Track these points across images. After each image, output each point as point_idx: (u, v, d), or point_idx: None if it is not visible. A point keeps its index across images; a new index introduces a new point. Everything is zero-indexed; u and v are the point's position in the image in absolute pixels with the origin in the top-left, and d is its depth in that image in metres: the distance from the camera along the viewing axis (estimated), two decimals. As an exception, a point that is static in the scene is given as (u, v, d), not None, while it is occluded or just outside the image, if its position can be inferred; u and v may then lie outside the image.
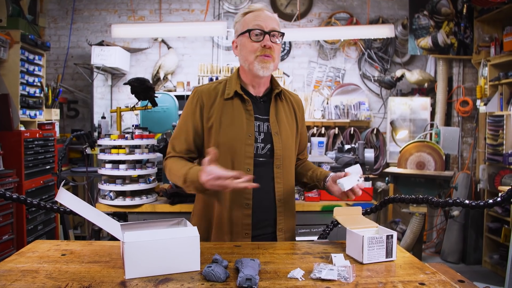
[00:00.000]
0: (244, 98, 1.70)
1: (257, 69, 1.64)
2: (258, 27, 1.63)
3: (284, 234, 1.73)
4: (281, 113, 1.75)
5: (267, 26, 1.64)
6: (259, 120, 1.70)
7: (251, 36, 1.64)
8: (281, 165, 1.70)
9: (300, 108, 1.86)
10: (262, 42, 1.63)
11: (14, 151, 3.66)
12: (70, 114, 5.65)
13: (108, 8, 5.65)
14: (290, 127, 1.76)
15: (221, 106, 1.69)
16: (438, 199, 1.63)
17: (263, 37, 1.63)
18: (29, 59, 4.09)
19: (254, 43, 1.64)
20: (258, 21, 1.64)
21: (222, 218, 1.67)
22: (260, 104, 1.74)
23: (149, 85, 2.83)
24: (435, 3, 5.17)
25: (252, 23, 1.64)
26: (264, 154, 1.68)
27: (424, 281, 1.19)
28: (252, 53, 1.64)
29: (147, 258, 1.19)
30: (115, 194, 2.55)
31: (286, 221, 1.74)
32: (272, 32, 1.65)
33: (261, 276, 1.20)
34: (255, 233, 1.68)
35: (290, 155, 1.74)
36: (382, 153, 5.49)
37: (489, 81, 4.77)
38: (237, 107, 1.69)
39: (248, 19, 1.66)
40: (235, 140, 1.65)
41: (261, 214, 1.68)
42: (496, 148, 4.62)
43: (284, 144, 1.70)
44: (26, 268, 1.25)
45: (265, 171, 1.68)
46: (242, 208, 1.65)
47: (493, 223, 4.57)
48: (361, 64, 5.71)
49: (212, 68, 5.31)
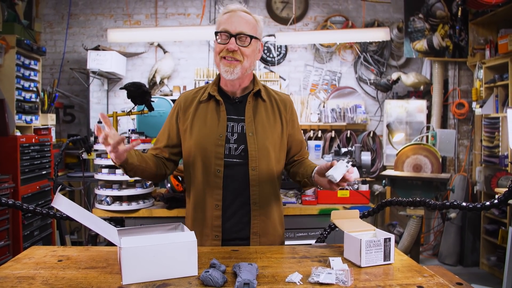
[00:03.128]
0: (217, 99, 1.71)
1: (222, 72, 1.66)
2: (224, 30, 1.63)
3: (259, 238, 1.70)
4: (260, 113, 1.73)
5: (235, 29, 1.62)
6: (233, 120, 1.70)
7: (218, 38, 1.66)
8: (257, 167, 1.67)
9: (288, 108, 1.81)
10: (226, 45, 1.63)
11: (10, 157, 3.63)
12: (66, 119, 5.63)
13: (104, 13, 5.65)
14: (271, 127, 1.73)
15: (195, 108, 1.74)
16: (435, 202, 1.63)
17: (229, 40, 1.63)
18: (25, 64, 4.07)
19: (220, 45, 1.65)
20: (226, 24, 1.63)
21: (195, 221, 1.71)
22: (236, 105, 1.73)
23: (146, 89, 2.83)
24: (430, 6, 5.20)
25: (221, 26, 1.64)
26: (237, 155, 1.67)
27: (422, 284, 1.19)
28: (217, 55, 1.67)
29: (144, 264, 1.18)
30: (111, 199, 2.54)
31: (262, 225, 1.70)
32: (239, 36, 1.63)
33: (259, 280, 1.20)
34: (229, 236, 1.67)
35: (267, 158, 1.69)
36: (379, 156, 5.50)
37: (485, 84, 4.79)
38: (210, 109, 1.72)
39: (221, 20, 1.67)
40: (205, 141, 1.67)
41: (234, 217, 1.68)
42: (492, 150, 4.63)
43: (260, 146, 1.67)
44: (22, 274, 1.24)
45: (238, 173, 1.66)
46: (213, 209, 1.67)
47: (490, 225, 4.58)
48: (357, 67, 5.73)
49: (209, 72, 5.31)
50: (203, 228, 1.68)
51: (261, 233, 1.71)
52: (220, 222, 1.66)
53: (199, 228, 1.68)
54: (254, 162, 1.66)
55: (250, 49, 1.66)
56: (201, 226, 1.69)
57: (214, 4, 5.63)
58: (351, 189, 2.76)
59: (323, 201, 2.70)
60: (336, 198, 2.71)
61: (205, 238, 1.67)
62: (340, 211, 1.57)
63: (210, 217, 1.67)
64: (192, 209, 1.73)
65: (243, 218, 1.69)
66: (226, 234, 1.67)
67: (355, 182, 2.78)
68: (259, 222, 1.70)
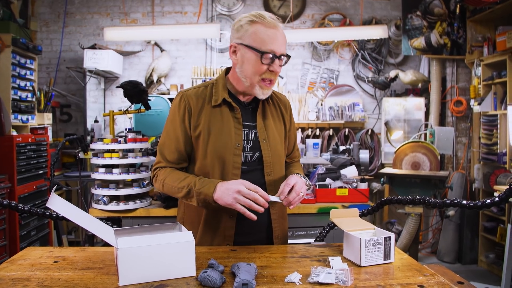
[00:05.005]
0: (233, 105, 1.64)
1: (258, 92, 1.60)
2: (272, 52, 1.54)
3: (280, 241, 1.71)
4: (268, 118, 1.71)
5: (280, 50, 1.56)
6: (247, 127, 1.66)
7: (263, 59, 1.55)
8: (272, 172, 1.67)
9: (287, 110, 1.81)
10: (271, 67, 1.56)
11: (6, 156, 3.61)
12: (62, 118, 5.60)
13: (100, 11, 5.61)
14: (278, 131, 1.73)
15: (209, 113, 1.63)
16: (435, 200, 1.62)
17: (273, 61, 1.56)
18: (21, 63, 4.05)
19: (263, 65, 1.55)
20: (274, 46, 1.54)
21: (206, 226, 1.63)
22: (248, 110, 1.69)
23: (142, 88, 2.82)
24: (428, 4, 5.19)
25: (268, 46, 1.54)
26: (253, 162, 1.65)
27: (423, 283, 1.18)
28: (257, 75, 1.57)
29: (141, 264, 1.17)
30: (108, 199, 2.52)
31: (281, 227, 1.72)
32: (282, 56, 1.58)
33: (258, 280, 1.18)
34: (244, 239, 1.62)
35: (280, 161, 1.71)
36: (377, 154, 5.49)
37: (483, 81, 4.79)
38: (225, 115, 1.63)
39: (261, 34, 1.55)
40: (223, 150, 1.59)
41: (253, 223, 1.57)
42: (491, 147, 4.63)
43: (273, 151, 1.67)
44: (17, 276, 1.22)
45: (255, 179, 1.60)
46: (227, 219, 1.61)
47: (488, 223, 4.58)
48: (355, 65, 5.72)
49: (206, 71, 5.29)
50: (214, 237, 1.63)
51: (281, 236, 1.71)
52: (233, 232, 1.62)
53: (208, 237, 1.63)
54: (269, 168, 1.66)
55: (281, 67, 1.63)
56: (211, 235, 1.63)
57: (211, 2, 5.60)
58: (350, 187, 2.74)
59: (321, 200, 2.69)
60: (335, 196, 2.70)
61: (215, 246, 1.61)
62: (339, 209, 1.55)
63: (223, 227, 1.62)
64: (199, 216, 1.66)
65: (262, 222, 1.65)
66: (238, 241, 1.63)
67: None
68: (279, 225, 1.70)
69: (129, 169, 2.50)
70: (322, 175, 2.86)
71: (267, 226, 1.68)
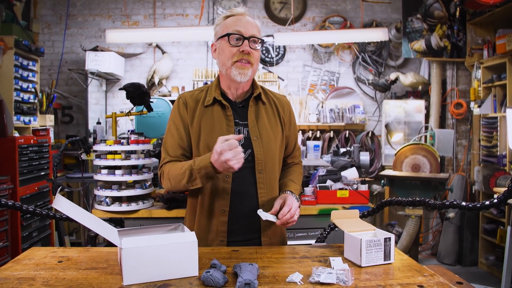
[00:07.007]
0: (224, 104, 1.69)
1: (235, 74, 1.63)
2: (237, 32, 1.61)
3: (270, 240, 1.71)
4: (262, 116, 1.73)
5: (247, 31, 1.62)
6: (239, 125, 1.69)
7: (230, 40, 1.62)
8: (264, 170, 1.68)
9: (286, 110, 1.82)
10: (241, 47, 1.61)
11: (9, 158, 3.63)
12: (64, 120, 5.62)
13: (102, 14, 5.64)
14: (273, 130, 1.74)
15: (201, 113, 1.69)
16: (435, 202, 1.63)
17: (242, 42, 1.61)
18: (23, 65, 4.07)
19: (233, 47, 1.62)
20: (238, 26, 1.62)
21: (199, 224, 1.67)
22: (239, 109, 1.73)
23: (144, 90, 2.83)
24: (428, 7, 5.21)
25: (232, 28, 1.62)
26: (245, 159, 1.65)
27: (422, 284, 1.19)
28: (230, 58, 1.63)
29: (145, 264, 1.18)
30: (111, 200, 2.53)
31: (272, 226, 1.72)
32: (252, 38, 1.63)
33: (260, 280, 1.20)
34: (234, 239, 1.66)
35: (273, 159, 1.71)
36: (378, 156, 5.50)
37: (483, 83, 4.81)
38: (217, 113, 1.69)
39: (228, 23, 1.64)
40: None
41: (243, 219, 1.66)
42: (491, 149, 4.65)
43: (265, 149, 1.68)
44: (23, 275, 1.23)
45: (246, 176, 1.65)
46: (219, 215, 1.65)
47: (488, 225, 4.59)
48: (355, 67, 5.74)
49: (207, 73, 5.31)
50: (208, 233, 1.66)
51: (271, 234, 1.72)
52: (226, 228, 1.65)
53: (203, 233, 1.66)
54: (261, 165, 1.67)
55: (258, 53, 1.68)
56: (205, 231, 1.66)
57: (212, 5, 5.63)
58: (351, 189, 2.76)
59: (322, 201, 2.70)
60: (335, 198, 2.71)
61: (209, 243, 1.65)
62: (340, 211, 1.57)
63: (216, 223, 1.65)
64: (195, 214, 1.71)
65: (251, 219, 1.67)
66: (231, 237, 1.66)
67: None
68: (270, 223, 1.70)
69: (131, 170, 2.51)
70: (323, 177, 2.87)
71: (259, 226, 1.70)
